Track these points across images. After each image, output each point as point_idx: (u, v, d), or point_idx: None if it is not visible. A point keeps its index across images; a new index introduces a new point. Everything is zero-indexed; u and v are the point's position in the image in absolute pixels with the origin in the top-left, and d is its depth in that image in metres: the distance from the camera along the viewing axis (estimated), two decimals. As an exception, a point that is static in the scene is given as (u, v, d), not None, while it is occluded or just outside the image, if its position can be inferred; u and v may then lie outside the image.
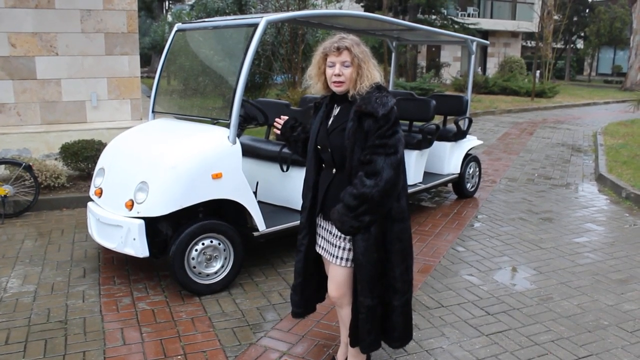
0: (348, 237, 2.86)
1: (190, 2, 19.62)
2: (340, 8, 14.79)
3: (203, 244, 4.15)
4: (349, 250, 2.89)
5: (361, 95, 2.78)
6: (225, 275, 4.29)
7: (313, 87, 2.97)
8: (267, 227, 4.47)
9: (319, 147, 2.98)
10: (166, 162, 4.13)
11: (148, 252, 4.09)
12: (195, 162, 4.13)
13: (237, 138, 4.30)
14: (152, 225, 4.16)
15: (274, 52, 12.87)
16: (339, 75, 2.79)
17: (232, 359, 3.42)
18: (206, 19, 5.50)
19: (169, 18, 18.72)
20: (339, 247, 2.91)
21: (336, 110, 2.95)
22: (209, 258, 4.21)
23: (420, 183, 6.39)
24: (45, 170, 6.68)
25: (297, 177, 4.94)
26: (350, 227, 2.76)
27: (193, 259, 4.13)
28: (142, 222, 4.04)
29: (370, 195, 2.68)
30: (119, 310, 4.04)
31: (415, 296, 4.30)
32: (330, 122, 2.95)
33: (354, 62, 2.77)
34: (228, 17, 5.38)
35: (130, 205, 4.11)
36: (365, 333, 2.93)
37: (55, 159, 7.33)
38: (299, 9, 12.44)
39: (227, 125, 4.31)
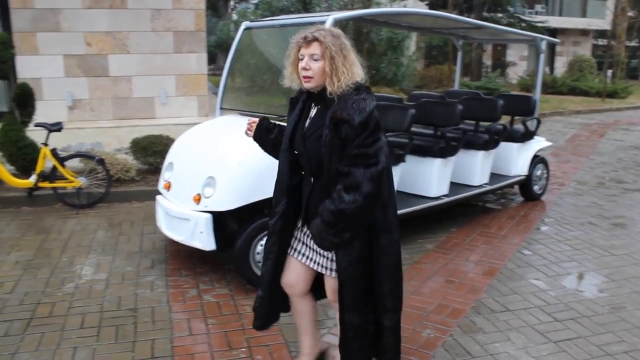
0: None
1: (254, 1, 19.91)
2: (405, 6, 14.68)
3: (268, 239, 4.21)
4: (333, 260, 2.70)
5: (338, 95, 2.51)
6: (289, 271, 4.32)
7: (294, 81, 2.67)
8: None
9: (296, 152, 2.74)
10: (234, 158, 4.20)
11: (215, 245, 4.18)
12: (262, 159, 4.16)
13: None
14: (219, 220, 4.24)
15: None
16: (306, 69, 2.51)
17: (295, 354, 3.44)
18: (273, 17, 5.56)
19: (234, 17, 19.06)
20: (327, 257, 2.74)
21: (313, 111, 2.71)
22: (273, 253, 4.26)
23: (486, 184, 6.27)
24: (117, 163, 6.93)
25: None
26: (330, 244, 2.55)
27: (258, 254, 4.18)
28: (209, 216, 4.13)
29: (348, 212, 2.43)
30: (185, 301, 4.15)
31: (481, 299, 4.22)
32: (306, 124, 2.70)
33: (326, 54, 2.47)
34: (295, 16, 5.43)
35: (198, 199, 4.21)
36: (356, 351, 2.74)
37: (126, 153, 7.59)
38: (364, 7, 12.43)
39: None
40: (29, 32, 7.98)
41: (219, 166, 4.23)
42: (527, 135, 6.88)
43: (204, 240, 4.16)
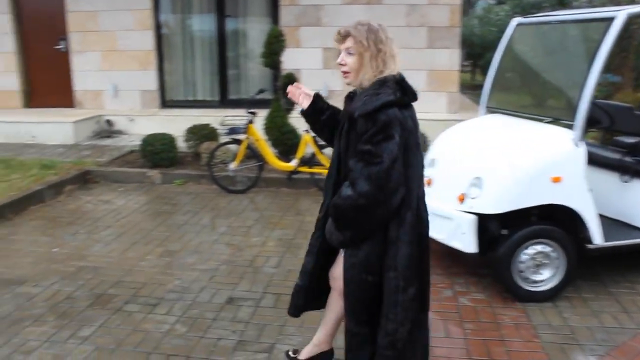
0: None
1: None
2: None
3: (535, 249, 3.97)
4: None
5: (362, 89, 2.50)
6: (553, 286, 4.04)
7: None
8: (605, 241, 4.07)
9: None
10: (503, 160, 4.03)
11: (476, 248, 4.04)
12: (534, 163, 3.95)
13: (581, 141, 3.97)
14: (482, 222, 4.10)
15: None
16: (341, 64, 2.52)
17: (564, 377, 3.20)
18: (548, 13, 5.20)
19: (477, 12, 18.59)
20: None
21: None
22: (538, 264, 4.00)
23: None
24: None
25: (640, 190, 4.42)
26: (336, 240, 2.52)
27: (522, 262, 3.97)
28: (474, 217, 3.99)
29: (342, 208, 2.41)
30: (441, 301, 4.10)
31: None
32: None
33: (357, 48, 2.45)
34: (575, 11, 5.02)
35: (462, 199, 4.11)
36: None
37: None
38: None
39: (569, 126, 4.02)
40: (293, 26, 8.64)
41: (487, 167, 4.08)
42: None
43: (465, 241, 4.05)
